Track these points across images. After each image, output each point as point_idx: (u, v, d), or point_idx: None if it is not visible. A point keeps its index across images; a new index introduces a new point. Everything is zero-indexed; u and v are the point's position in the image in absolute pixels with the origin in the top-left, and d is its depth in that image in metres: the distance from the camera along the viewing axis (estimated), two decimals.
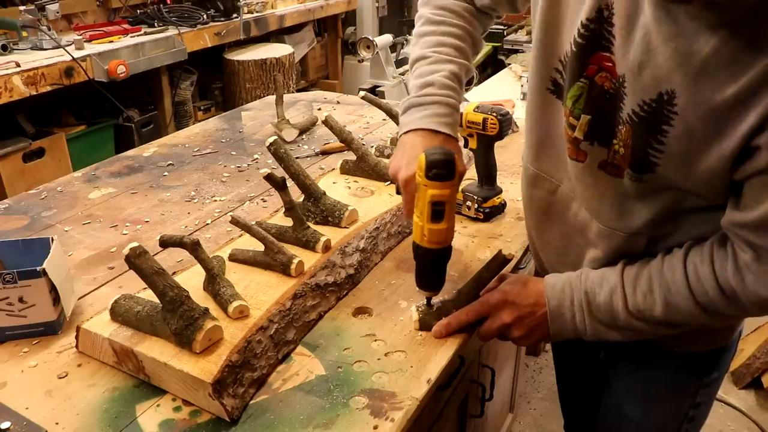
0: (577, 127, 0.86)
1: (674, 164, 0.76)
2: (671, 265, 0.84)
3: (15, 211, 1.38)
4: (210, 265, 0.95)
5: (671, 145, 0.75)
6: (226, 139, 1.80)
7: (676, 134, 0.73)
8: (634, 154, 0.80)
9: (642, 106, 0.76)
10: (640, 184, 0.82)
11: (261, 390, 0.86)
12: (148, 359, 0.85)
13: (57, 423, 0.80)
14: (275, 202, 1.37)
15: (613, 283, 0.87)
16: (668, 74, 0.72)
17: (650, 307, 0.84)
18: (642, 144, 0.77)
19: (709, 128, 0.71)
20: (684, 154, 0.74)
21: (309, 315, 0.98)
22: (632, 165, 0.81)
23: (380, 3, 4.88)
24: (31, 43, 2.67)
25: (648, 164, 0.78)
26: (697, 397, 1.03)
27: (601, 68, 0.80)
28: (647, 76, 0.74)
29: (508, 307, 0.93)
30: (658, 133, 0.75)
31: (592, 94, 0.82)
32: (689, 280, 0.81)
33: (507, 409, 1.86)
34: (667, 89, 0.72)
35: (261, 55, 3.55)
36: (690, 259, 0.83)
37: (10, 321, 0.94)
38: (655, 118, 0.74)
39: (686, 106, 0.71)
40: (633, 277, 0.86)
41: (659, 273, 0.84)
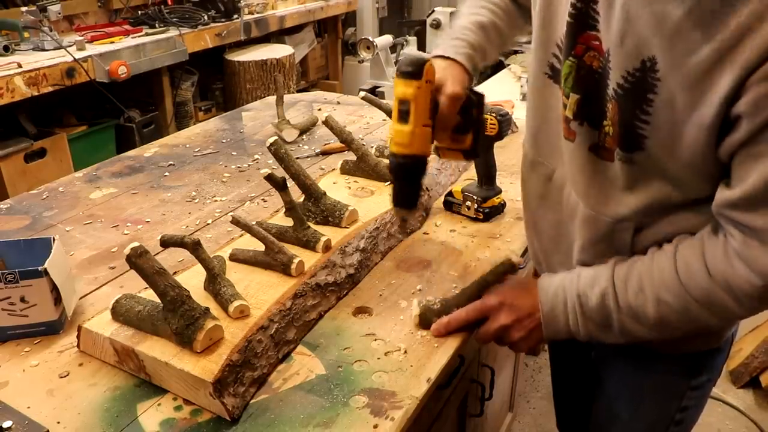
0: (567, 106, 0.87)
1: (661, 138, 0.76)
2: (661, 261, 0.82)
3: (16, 211, 1.38)
4: (211, 264, 0.95)
5: (657, 115, 0.74)
6: (227, 139, 1.80)
7: (661, 102, 0.73)
8: (622, 130, 0.79)
9: (626, 78, 0.76)
10: (630, 167, 0.81)
11: (261, 389, 0.86)
12: (149, 359, 0.85)
13: (58, 422, 0.81)
14: (276, 202, 1.37)
15: (605, 284, 0.85)
16: (648, 40, 0.72)
17: (642, 306, 0.83)
18: (629, 117, 0.77)
19: (688, 94, 0.71)
20: (669, 124, 0.74)
21: (309, 314, 0.98)
22: (621, 143, 0.80)
23: (380, 4, 4.89)
24: (32, 44, 2.67)
25: (636, 139, 0.78)
26: (684, 400, 1.01)
27: (588, 47, 0.81)
28: (629, 44, 0.75)
29: (506, 309, 0.93)
30: (644, 102, 0.75)
31: (581, 73, 0.83)
32: (680, 274, 0.80)
33: (506, 408, 1.87)
34: (648, 56, 0.73)
35: (261, 55, 3.56)
36: (680, 252, 0.81)
37: (12, 320, 0.95)
38: (639, 87, 0.75)
39: (667, 72, 0.72)
40: (624, 276, 0.85)
41: (649, 270, 0.83)
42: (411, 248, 1.20)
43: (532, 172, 1.00)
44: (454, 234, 1.26)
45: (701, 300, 0.79)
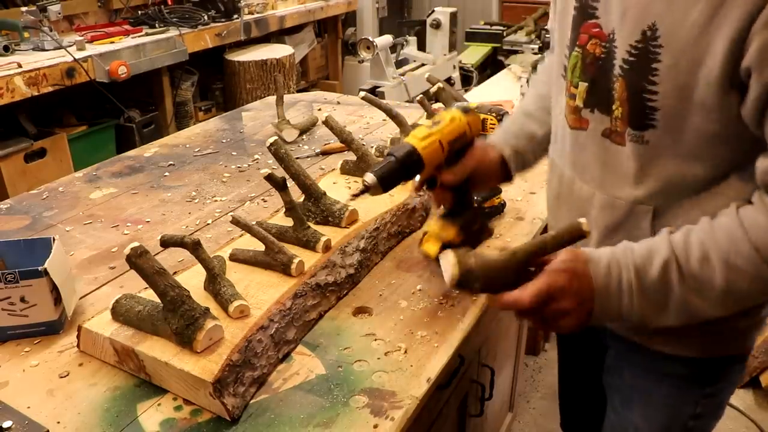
0: (577, 96, 0.88)
1: (672, 107, 0.75)
2: (723, 223, 0.75)
3: (17, 211, 1.38)
4: (211, 264, 0.95)
5: (664, 83, 0.74)
6: (227, 139, 1.80)
7: (666, 68, 0.74)
8: (631, 107, 0.79)
9: (630, 52, 0.77)
10: (643, 147, 0.80)
11: (261, 389, 0.86)
12: (149, 359, 0.85)
13: (58, 422, 0.81)
14: (276, 202, 1.37)
15: (666, 254, 0.76)
16: (646, 8, 0.74)
17: (709, 276, 0.74)
18: (637, 90, 0.77)
19: (691, 54, 0.71)
20: (678, 90, 0.74)
21: (309, 314, 0.98)
22: (631, 121, 0.80)
23: (380, 4, 4.89)
24: (32, 44, 2.67)
25: (647, 114, 0.77)
26: (698, 407, 0.97)
27: (591, 36, 0.83)
28: (630, 17, 0.76)
29: (571, 293, 0.78)
30: (650, 73, 0.75)
31: (586, 62, 0.85)
32: (749, 234, 0.72)
33: (506, 408, 1.87)
34: (648, 24, 0.74)
35: (261, 55, 3.56)
36: (743, 212, 0.74)
37: (12, 320, 0.95)
38: (643, 59, 0.75)
39: (669, 35, 0.72)
40: (683, 243, 0.76)
41: (711, 234, 0.75)
42: (411, 248, 1.20)
43: (552, 173, 1.02)
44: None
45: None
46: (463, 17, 4.77)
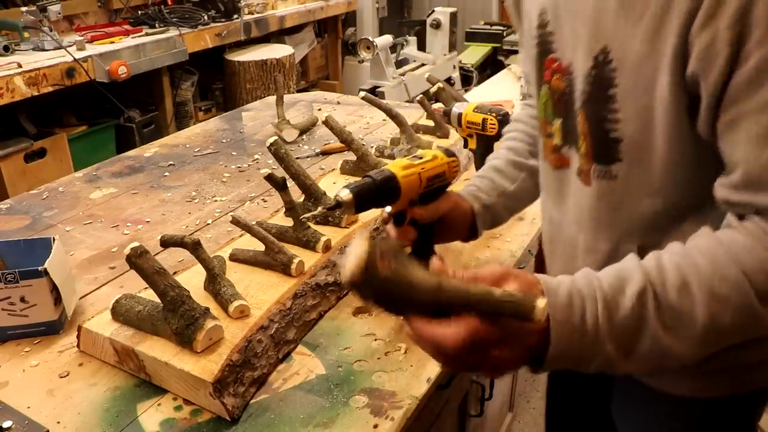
0: (554, 134, 0.84)
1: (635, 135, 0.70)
2: (700, 246, 0.63)
3: (17, 211, 1.38)
4: (211, 264, 0.95)
5: (624, 110, 0.70)
6: (227, 139, 1.80)
7: (624, 93, 0.69)
8: (594, 140, 0.75)
9: (587, 79, 0.73)
10: (613, 182, 0.75)
11: (261, 389, 0.86)
12: (149, 359, 0.85)
13: (58, 422, 0.81)
14: (276, 202, 1.37)
15: (640, 283, 0.61)
16: (596, 29, 0.70)
17: (690, 308, 0.60)
18: (598, 121, 0.73)
19: (644, 74, 0.67)
20: (638, 115, 0.69)
21: (309, 314, 0.98)
22: (596, 156, 0.76)
23: (380, 4, 4.89)
24: (32, 44, 2.67)
25: (611, 146, 0.73)
26: None
27: (554, 72, 0.80)
28: (582, 45, 0.72)
29: (516, 337, 0.61)
30: (608, 101, 0.71)
31: (555, 98, 0.81)
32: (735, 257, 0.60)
33: (506, 408, 1.87)
34: (600, 48, 0.70)
35: (261, 55, 3.56)
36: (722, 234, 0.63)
37: (12, 320, 0.95)
38: (600, 86, 0.71)
39: (620, 56, 0.68)
40: (657, 270, 0.62)
41: (689, 260, 0.62)
42: None
43: (543, 216, 0.98)
44: None
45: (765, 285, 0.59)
46: (463, 17, 4.77)
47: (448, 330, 0.59)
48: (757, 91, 0.59)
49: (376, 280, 0.57)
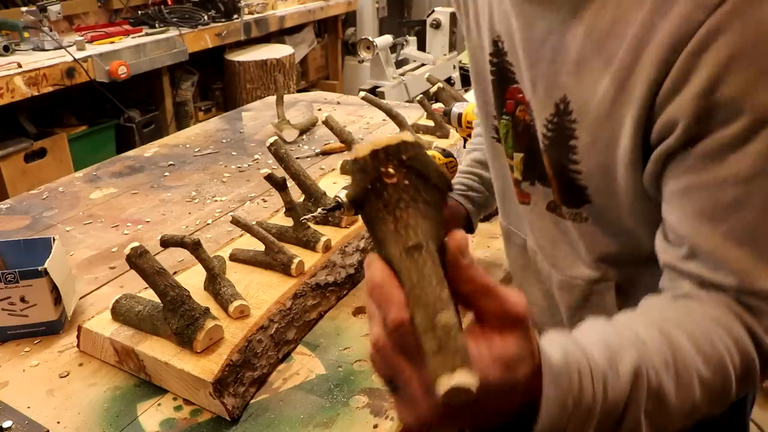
0: (515, 168, 0.80)
1: (599, 187, 0.68)
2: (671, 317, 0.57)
3: (17, 211, 1.38)
4: (211, 264, 0.95)
5: (585, 162, 0.67)
6: (227, 139, 1.80)
7: (584, 147, 0.66)
8: (560, 184, 0.72)
9: (547, 126, 0.69)
10: (582, 224, 0.73)
11: (261, 389, 0.86)
12: (149, 359, 0.85)
13: (58, 422, 0.81)
14: (275, 202, 1.37)
15: (633, 363, 0.52)
16: (555, 79, 0.67)
17: (672, 393, 0.54)
18: (562, 168, 0.70)
19: (605, 132, 0.63)
20: (600, 170, 0.66)
21: (309, 314, 0.98)
22: (564, 199, 0.73)
23: (380, 4, 4.88)
24: (32, 44, 2.68)
25: (577, 192, 0.70)
26: None
27: (517, 102, 0.76)
28: (540, 89, 0.69)
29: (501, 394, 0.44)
30: (570, 151, 0.67)
31: (518, 130, 0.77)
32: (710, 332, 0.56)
33: None
34: (559, 97, 0.67)
35: (261, 55, 3.56)
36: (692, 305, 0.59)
37: (12, 320, 0.95)
38: (561, 135, 0.68)
39: (580, 110, 0.65)
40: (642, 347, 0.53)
41: (667, 336, 0.55)
42: None
43: (509, 242, 0.94)
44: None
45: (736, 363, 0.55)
46: None
47: (400, 302, 0.41)
48: (715, 166, 0.56)
49: (374, 177, 0.44)
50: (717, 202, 0.56)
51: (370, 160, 0.43)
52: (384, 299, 0.42)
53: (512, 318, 0.44)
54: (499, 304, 0.43)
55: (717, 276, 0.57)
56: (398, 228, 0.43)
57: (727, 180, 0.55)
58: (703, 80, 0.54)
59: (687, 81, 0.55)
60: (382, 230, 0.44)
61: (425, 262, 0.41)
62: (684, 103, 0.55)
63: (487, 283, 0.43)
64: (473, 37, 0.82)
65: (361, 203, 0.45)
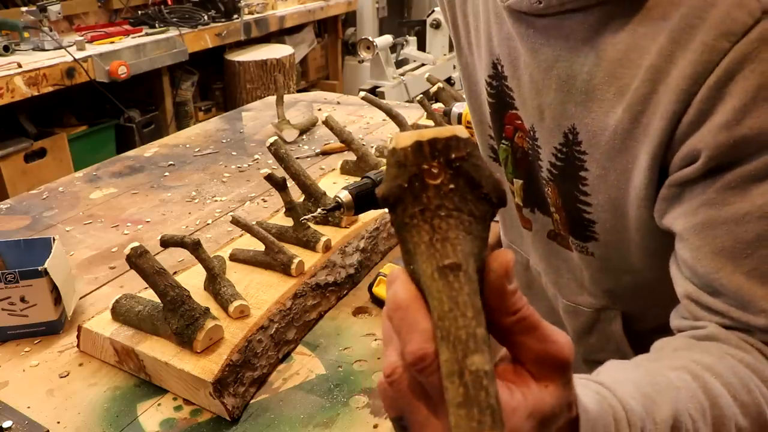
0: (515, 193, 0.79)
1: (609, 221, 0.65)
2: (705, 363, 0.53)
3: (16, 211, 1.38)
4: (211, 264, 0.95)
5: (595, 195, 0.64)
6: (227, 139, 1.80)
7: (595, 179, 0.64)
8: (568, 216, 0.69)
9: (556, 155, 0.67)
10: (590, 258, 0.71)
11: (261, 389, 0.86)
12: (149, 359, 0.85)
13: (58, 422, 0.81)
14: (275, 202, 1.37)
15: (670, 413, 0.48)
16: (563, 108, 0.64)
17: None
18: (570, 200, 0.67)
19: (618, 164, 0.60)
20: (611, 204, 0.64)
21: (309, 314, 0.98)
22: (572, 231, 0.70)
23: (380, 4, 4.89)
24: (32, 44, 2.68)
25: (585, 226, 0.68)
26: None
27: (516, 128, 0.73)
28: (548, 118, 0.66)
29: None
30: (579, 182, 0.65)
31: (517, 156, 0.75)
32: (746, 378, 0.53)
33: None
34: (568, 127, 0.64)
35: (261, 55, 3.56)
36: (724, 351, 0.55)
37: (12, 320, 0.95)
38: (571, 165, 0.65)
39: (590, 142, 0.62)
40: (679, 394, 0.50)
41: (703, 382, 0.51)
42: None
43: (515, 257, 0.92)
44: None
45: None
46: None
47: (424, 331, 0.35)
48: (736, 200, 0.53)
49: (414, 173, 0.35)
50: (738, 238, 0.53)
51: (411, 153, 0.35)
52: (406, 325, 0.35)
53: (556, 363, 0.37)
54: (544, 344, 0.36)
55: (745, 316, 0.54)
56: (434, 241, 0.35)
57: (749, 214, 0.52)
58: (729, 112, 0.51)
59: (711, 113, 0.52)
60: (414, 240, 0.36)
61: (462, 287, 0.34)
62: (707, 135, 0.53)
63: (534, 317, 0.37)
64: (465, 53, 0.80)
65: (395, 203, 0.36)
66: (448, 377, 0.32)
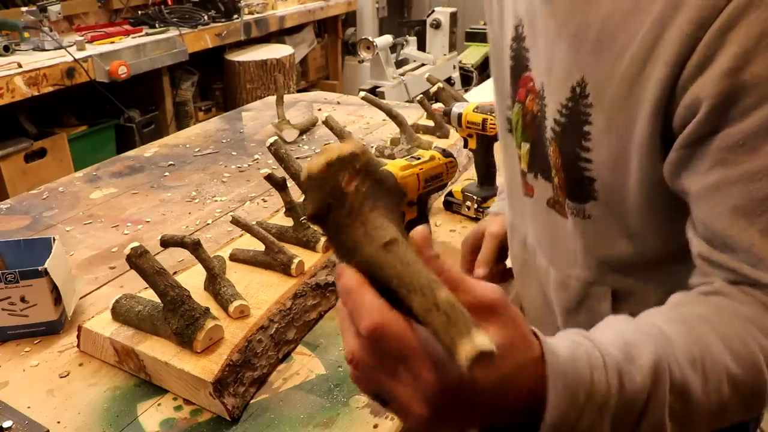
0: (521, 158, 0.79)
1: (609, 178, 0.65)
2: (698, 312, 0.55)
3: (17, 211, 1.38)
4: (211, 264, 0.95)
5: (598, 150, 0.65)
6: (227, 139, 1.80)
7: (599, 133, 0.64)
8: (567, 176, 0.69)
9: (561, 111, 0.67)
10: (585, 221, 0.71)
11: (261, 389, 0.86)
12: (149, 358, 0.85)
13: (58, 422, 0.81)
14: (276, 202, 1.37)
15: (653, 355, 0.49)
16: (573, 59, 0.64)
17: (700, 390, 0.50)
18: (571, 157, 0.67)
19: (622, 115, 0.61)
20: (613, 159, 0.64)
21: (309, 314, 0.98)
22: (569, 192, 0.70)
23: (380, 4, 4.89)
24: (32, 44, 2.68)
25: (585, 185, 0.68)
26: None
27: (528, 91, 0.74)
28: (557, 71, 0.67)
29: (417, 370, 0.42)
30: (582, 137, 0.65)
31: (527, 120, 0.76)
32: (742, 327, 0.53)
33: None
34: (576, 80, 0.64)
35: (261, 55, 3.56)
36: (721, 302, 0.56)
37: (12, 320, 0.95)
38: (575, 120, 0.65)
39: (598, 92, 0.62)
40: (664, 340, 0.51)
41: (692, 329, 0.53)
42: None
43: (512, 237, 0.91)
44: (454, 234, 1.26)
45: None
46: (463, 17, 4.77)
47: (373, 307, 0.41)
48: (747, 157, 0.53)
49: (333, 187, 0.43)
50: (751, 196, 0.53)
51: (326, 171, 0.43)
52: (356, 306, 0.41)
53: (487, 307, 0.42)
54: (471, 295, 0.42)
55: (755, 272, 0.54)
56: (368, 231, 0.43)
57: (760, 172, 0.52)
58: (731, 58, 0.51)
59: (714, 59, 0.52)
60: (351, 238, 0.43)
61: (405, 251, 0.41)
62: (709, 83, 0.52)
63: (455, 274, 0.43)
64: (495, 26, 0.82)
65: (326, 215, 0.44)
66: (427, 314, 0.39)
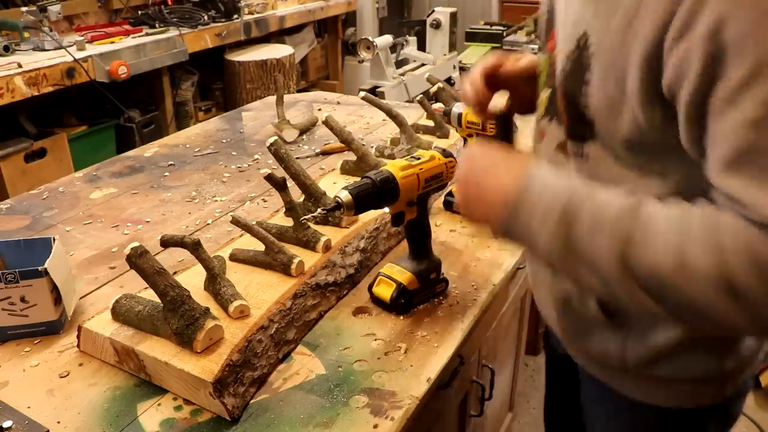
0: (540, 104, 0.86)
1: (604, 121, 0.71)
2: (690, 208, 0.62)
3: (17, 211, 1.38)
4: (211, 264, 0.95)
5: (595, 96, 0.70)
6: (227, 139, 1.80)
7: (597, 81, 0.70)
8: (569, 117, 0.77)
9: (566, 60, 0.74)
10: (582, 161, 0.77)
11: (261, 389, 0.86)
12: (149, 358, 0.85)
13: (58, 422, 0.81)
14: (276, 202, 1.37)
15: (631, 198, 0.64)
16: (582, 13, 0.71)
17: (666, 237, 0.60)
18: (573, 102, 0.74)
19: (618, 63, 0.66)
20: (608, 106, 0.69)
21: (309, 314, 0.98)
22: (570, 132, 0.78)
23: (380, 4, 4.88)
24: (32, 44, 2.67)
25: (583, 124, 0.74)
26: None
27: (555, 44, 0.81)
28: (568, 25, 0.74)
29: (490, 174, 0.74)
30: (583, 84, 0.72)
31: (550, 69, 0.82)
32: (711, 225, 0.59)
33: (506, 408, 1.86)
34: (581, 32, 0.71)
35: (261, 55, 3.56)
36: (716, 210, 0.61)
37: (12, 320, 0.95)
38: (578, 69, 0.72)
39: (597, 43, 0.69)
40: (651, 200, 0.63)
41: (681, 208, 0.62)
42: None
43: None
44: (454, 234, 1.26)
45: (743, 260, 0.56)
46: (463, 17, 4.77)
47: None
48: (731, 111, 0.57)
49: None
50: (738, 147, 0.57)
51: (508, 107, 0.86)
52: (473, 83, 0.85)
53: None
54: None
55: (742, 210, 0.58)
56: None
57: (743, 124, 0.56)
58: (710, 22, 0.56)
59: (694, 22, 0.57)
60: None
61: None
62: (693, 45, 0.58)
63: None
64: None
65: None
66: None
